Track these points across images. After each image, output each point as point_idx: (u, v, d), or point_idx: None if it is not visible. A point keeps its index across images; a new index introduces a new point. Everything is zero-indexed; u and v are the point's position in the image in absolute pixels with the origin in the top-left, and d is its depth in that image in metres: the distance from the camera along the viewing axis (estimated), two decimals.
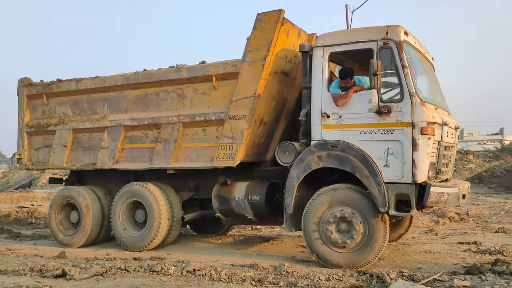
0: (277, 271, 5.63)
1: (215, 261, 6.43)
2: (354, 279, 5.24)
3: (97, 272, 5.71)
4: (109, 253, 7.28)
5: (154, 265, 5.99)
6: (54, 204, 8.24)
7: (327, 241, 5.92)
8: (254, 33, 6.54)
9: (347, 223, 5.84)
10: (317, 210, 5.98)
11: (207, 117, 6.88)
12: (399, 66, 5.62)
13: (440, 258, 6.52)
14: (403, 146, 5.55)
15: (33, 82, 8.68)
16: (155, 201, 7.27)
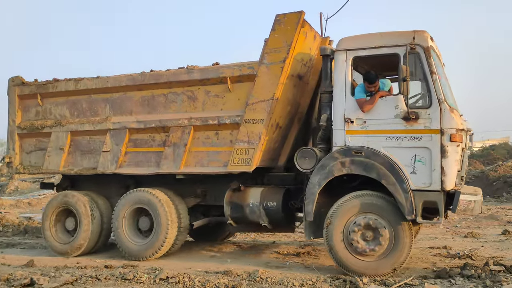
0: (251, 278, 5.57)
1: (189, 268, 6.32)
2: (328, 284, 5.24)
3: (67, 281, 5.51)
4: (80, 261, 7.03)
5: (126, 273, 5.83)
6: (48, 210, 7.78)
7: (352, 249, 5.78)
8: (273, 35, 6.36)
9: (373, 231, 5.71)
10: (342, 218, 5.83)
11: (221, 121, 6.63)
12: (427, 72, 5.55)
13: (411, 262, 6.59)
14: (431, 153, 5.48)
15: (26, 81, 8.17)
16: (162, 207, 6.95)
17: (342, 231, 5.82)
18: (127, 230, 7.21)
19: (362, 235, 5.75)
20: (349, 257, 5.80)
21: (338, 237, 5.83)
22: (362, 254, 5.75)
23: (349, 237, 5.76)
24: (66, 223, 7.79)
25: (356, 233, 5.74)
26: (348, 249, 5.80)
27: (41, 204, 19.51)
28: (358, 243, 5.73)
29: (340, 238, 5.83)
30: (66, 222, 7.80)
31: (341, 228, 5.82)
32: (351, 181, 6.12)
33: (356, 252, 5.77)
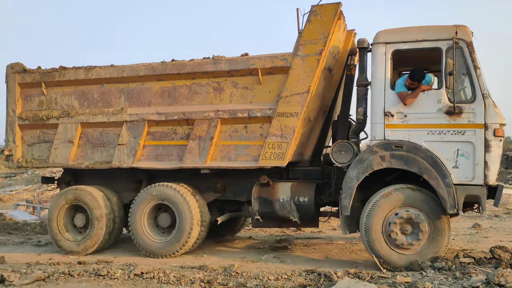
0: (226, 272, 5.57)
1: (164, 264, 6.28)
2: (303, 278, 5.26)
3: (38, 278, 5.39)
4: (52, 258, 6.81)
5: (100, 269, 5.73)
6: (55, 206, 7.30)
7: (391, 242, 5.77)
8: (308, 26, 6.20)
9: (413, 224, 5.71)
10: (381, 211, 5.80)
11: (251, 114, 6.41)
12: (471, 66, 5.57)
13: None
14: (475, 147, 5.52)
15: (28, 69, 7.60)
16: (185, 203, 6.67)
17: (382, 223, 5.80)
18: (146, 226, 6.89)
19: (401, 229, 5.75)
20: (387, 250, 5.79)
21: (378, 229, 5.80)
22: (400, 247, 5.75)
23: (389, 229, 5.74)
24: (75, 220, 7.36)
25: (397, 226, 5.73)
26: (386, 242, 5.80)
27: (12, 200, 18.54)
28: (398, 236, 5.73)
29: (379, 230, 5.80)
30: (75, 219, 7.36)
31: (381, 220, 5.80)
32: (384, 176, 6.09)
33: (395, 245, 5.76)
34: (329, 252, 7.16)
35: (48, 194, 20.23)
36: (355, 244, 7.71)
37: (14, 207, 16.38)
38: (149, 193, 6.87)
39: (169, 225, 6.92)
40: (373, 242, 5.83)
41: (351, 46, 7.09)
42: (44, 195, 19.83)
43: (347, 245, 7.66)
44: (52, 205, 7.38)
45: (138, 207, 6.89)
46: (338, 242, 8.01)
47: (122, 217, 7.42)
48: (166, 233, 6.97)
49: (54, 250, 7.58)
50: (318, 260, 6.55)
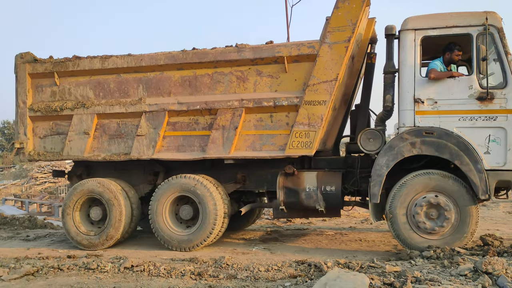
0: (217, 264, 5.59)
1: (154, 256, 6.27)
2: (293, 268, 5.29)
3: (27, 272, 5.37)
4: (41, 252, 6.73)
5: (89, 262, 5.71)
6: (70, 200, 7.07)
7: (415, 225, 5.81)
8: (336, 13, 6.14)
9: (438, 209, 5.74)
10: (407, 195, 5.83)
11: (277, 102, 6.32)
12: (502, 52, 5.60)
13: (374, 245, 6.89)
14: (506, 133, 5.56)
15: (39, 59, 7.35)
16: (209, 195, 6.55)
17: (408, 205, 5.82)
18: (168, 218, 6.75)
19: (427, 213, 5.78)
20: (412, 234, 5.84)
21: (403, 211, 5.84)
22: (423, 231, 5.79)
23: (414, 211, 5.77)
24: (91, 213, 7.16)
25: (422, 209, 5.76)
26: (410, 224, 5.84)
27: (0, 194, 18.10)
28: (422, 219, 5.77)
29: (404, 212, 5.84)
30: (91, 212, 7.16)
31: (407, 202, 5.83)
32: (410, 164, 6.09)
33: (418, 228, 5.80)
34: (319, 243, 7.19)
35: (37, 188, 19.85)
36: (344, 235, 7.78)
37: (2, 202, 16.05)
38: (171, 185, 6.72)
39: (190, 217, 6.79)
40: (398, 225, 5.86)
41: (371, 34, 7.06)
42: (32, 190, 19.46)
43: (337, 236, 7.71)
44: (67, 200, 7.15)
45: (159, 199, 6.74)
46: (328, 232, 8.07)
47: (140, 210, 7.27)
48: (187, 225, 6.84)
49: (43, 244, 7.51)
50: (308, 251, 6.57)
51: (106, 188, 6.93)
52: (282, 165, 6.63)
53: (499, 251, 5.46)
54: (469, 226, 5.71)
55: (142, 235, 8.16)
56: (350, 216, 9.88)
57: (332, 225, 8.96)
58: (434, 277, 4.41)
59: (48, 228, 9.57)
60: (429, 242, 5.76)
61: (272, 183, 6.82)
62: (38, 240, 7.98)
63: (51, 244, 7.54)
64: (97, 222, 7.17)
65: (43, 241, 7.82)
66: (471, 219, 5.70)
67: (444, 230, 5.74)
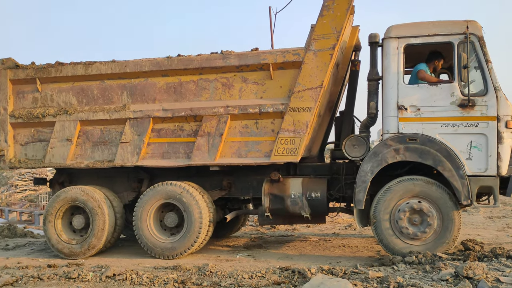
0: (200, 272, 5.56)
1: (137, 265, 6.24)
2: (277, 275, 5.32)
3: (6, 282, 5.27)
4: (21, 261, 6.64)
5: (70, 271, 5.63)
6: (53, 207, 6.94)
7: (398, 230, 5.88)
8: (321, 21, 6.20)
9: (421, 215, 5.81)
10: (390, 201, 5.90)
11: (263, 109, 6.34)
12: (483, 60, 5.73)
13: (358, 251, 6.97)
14: (487, 139, 5.67)
15: (20, 64, 7.23)
16: (194, 202, 6.52)
17: (391, 211, 5.90)
18: (152, 225, 6.68)
19: (410, 219, 5.85)
20: (393, 238, 5.91)
21: (386, 216, 5.91)
22: (407, 237, 5.86)
23: (397, 216, 5.85)
24: (73, 221, 7.04)
25: (406, 215, 5.83)
26: (393, 230, 5.91)
27: None
28: (405, 225, 5.83)
29: (387, 217, 5.90)
30: (73, 220, 7.05)
31: (390, 208, 5.90)
32: (394, 170, 6.16)
33: (401, 234, 5.87)
34: (303, 249, 7.22)
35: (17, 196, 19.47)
36: (328, 241, 7.83)
37: None
38: (157, 191, 6.66)
39: (175, 225, 6.74)
40: (381, 231, 5.93)
41: (355, 42, 7.14)
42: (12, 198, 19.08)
43: (320, 242, 7.74)
44: (49, 207, 7.02)
45: (144, 205, 6.68)
46: (312, 238, 8.10)
47: (123, 221, 7.19)
48: (171, 233, 6.79)
49: (22, 253, 7.38)
50: (292, 257, 6.59)
51: (90, 197, 6.83)
52: (267, 171, 6.64)
53: (480, 256, 5.55)
54: (452, 232, 5.79)
55: (125, 243, 8.07)
56: (334, 222, 9.94)
57: (316, 231, 9.00)
58: (416, 282, 4.46)
59: (28, 236, 9.40)
60: (411, 247, 5.83)
61: (257, 190, 6.81)
62: (17, 249, 7.85)
63: (31, 253, 7.42)
64: (79, 230, 7.05)
65: (22, 250, 7.68)
66: (454, 226, 5.78)
67: (426, 235, 5.81)
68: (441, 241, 5.79)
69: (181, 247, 6.53)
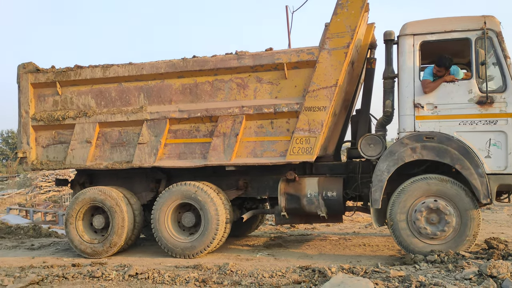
0: (221, 271, 5.57)
1: (159, 264, 6.29)
2: (297, 274, 5.29)
3: (32, 281, 5.39)
4: (46, 261, 6.76)
5: (94, 270, 5.71)
6: (73, 209, 7.10)
7: (415, 230, 5.81)
8: (335, 19, 6.16)
9: (439, 213, 5.73)
10: (406, 202, 5.84)
11: (278, 109, 6.34)
12: (501, 56, 5.61)
13: (378, 250, 6.90)
14: (507, 136, 5.56)
15: (41, 68, 7.41)
16: (211, 202, 6.57)
17: (408, 211, 5.84)
18: (170, 226, 6.77)
19: (427, 218, 5.78)
20: (411, 238, 5.85)
21: (403, 216, 5.85)
22: (425, 236, 5.79)
23: (415, 217, 5.79)
24: (94, 222, 7.19)
25: (422, 214, 5.76)
26: (411, 230, 5.84)
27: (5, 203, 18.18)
28: (423, 224, 5.77)
29: (404, 218, 5.85)
30: (94, 220, 7.19)
31: (407, 208, 5.84)
32: (411, 169, 6.09)
33: (419, 234, 5.80)
34: (322, 248, 7.18)
35: (41, 197, 19.92)
36: (348, 240, 7.77)
37: (6, 211, 16.08)
38: (173, 192, 6.74)
39: (193, 224, 6.81)
40: (398, 231, 5.88)
41: (371, 40, 7.09)
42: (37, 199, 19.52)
43: (340, 241, 7.70)
44: (70, 207, 7.18)
45: (161, 206, 6.76)
46: (331, 238, 8.05)
47: (142, 218, 7.30)
48: (189, 233, 6.86)
49: (47, 253, 7.51)
50: (312, 256, 6.56)
51: (108, 196, 6.96)
52: (283, 171, 6.65)
53: (504, 254, 5.44)
54: (471, 229, 5.69)
55: (146, 243, 8.18)
56: (354, 221, 9.87)
57: (336, 230, 8.95)
58: (438, 281, 4.40)
59: (52, 236, 9.62)
60: (431, 247, 5.77)
61: (274, 189, 6.82)
62: (42, 249, 8.01)
63: (55, 252, 7.58)
64: (100, 230, 7.19)
65: (47, 250, 7.85)
66: (473, 222, 5.68)
67: (446, 234, 5.73)
68: (461, 239, 5.70)
69: (200, 245, 6.60)
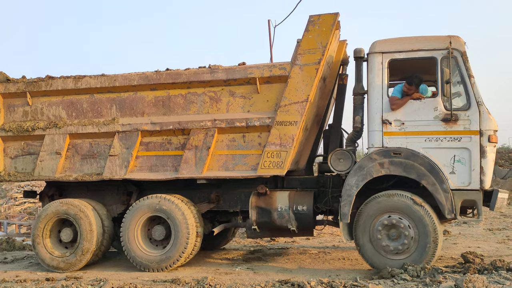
0: (199, 285, 5.53)
1: (135, 278, 6.20)
2: None
3: None
4: (19, 275, 6.63)
5: (68, 285, 5.62)
6: (40, 221, 6.95)
7: (382, 250, 5.88)
8: (307, 36, 6.29)
9: (396, 228, 5.82)
10: (365, 222, 5.93)
11: (250, 123, 6.40)
12: (466, 75, 5.79)
13: (357, 264, 6.91)
14: (471, 153, 5.72)
15: (11, 78, 7.31)
16: (181, 215, 6.54)
17: (369, 229, 5.92)
18: (140, 240, 6.69)
19: (387, 234, 5.86)
20: (374, 254, 5.92)
21: (366, 235, 5.93)
22: (392, 253, 5.85)
23: (376, 234, 5.87)
24: (61, 235, 7.06)
25: (382, 231, 5.85)
26: (373, 246, 5.92)
27: None
28: (383, 241, 5.84)
29: (367, 236, 5.93)
30: (61, 234, 7.06)
31: (368, 226, 5.92)
32: (381, 183, 6.20)
33: (387, 252, 5.87)
34: (302, 262, 7.18)
35: (16, 209, 19.37)
36: (328, 253, 7.79)
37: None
38: (143, 205, 6.69)
39: (163, 237, 6.75)
40: (363, 248, 5.97)
41: (343, 56, 7.23)
42: (11, 210, 18.99)
43: (320, 255, 7.70)
44: (37, 221, 7.04)
45: (131, 220, 6.69)
46: (311, 251, 8.04)
47: (112, 231, 7.21)
48: (160, 246, 6.80)
49: (21, 267, 7.34)
50: (292, 270, 6.55)
51: (70, 205, 6.86)
52: (256, 184, 6.67)
53: (480, 268, 5.51)
54: (430, 236, 5.68)
55: (122, 256, 8.02)
56: (334, 234, 9.83)
57: (316, 244, 8.93)
58: None
59: (26, 249, 9.31)
60: (399, 262, 5.78)
61: (245, 203, 6.83)
62: (16, 262, 7.79)
63: (29, 266, 7.38)
64: (70, 243, 7.05)
65: (21, 264, 7.62)
66: (432, 238, 5.69)
67: (408, 246, 5.77)
68: (424, 248, 5.69)
69: (168, 259, 6.54)
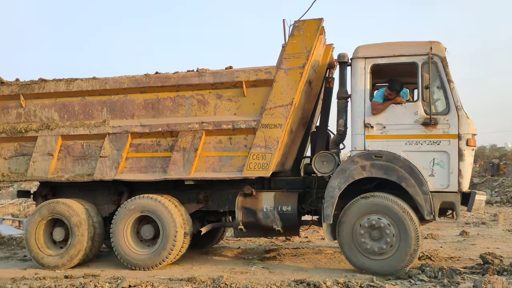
0: (215, 284, 5.59)
1: (152, 276, 6.30)
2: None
3: None
4: (38, 272, 6.76)
5: (86, 282, 5.69)
6: (33, 220, 7.15)
7: (361, 248, 6.03)
8: (292, 41, 6.44)
9: (377, 228, 5.96)
10: (347, 226, 6.08)
11: (236, 125, 6.56)
12: (445, 80, 5.94)
13: None
14: (449, 156, 5.87)
15: (5, 81, 7.49)
16: (169, 214, 6.70)
17: (352, 230, 6.06)
18: (129, 239, 6.86)
19: (369, 235, 6.01)
20: (358, 255, 6.06)
21: (348, 236, 6.08)
22: (376, 254, 5.99)
23: (358, 235, 6.01)
24: (54, 234, 7.24)
25: (364, 232, 5.99)
26: (357, 248, 6.06)
27: None
28: (366, 242, 5.98)
29: (349, 238, 6.07)
30: (54, 233, 7.24)
31: (350, 228, 6.07)
32: (364, 185, 6.35)
33: (365, 251, 6.02)
34: (318, 262, 7.22)
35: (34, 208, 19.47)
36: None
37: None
38: (132, 205, 6.86)
39: (152, 237, 6.92)
40: (346, 249, 6.12)
41: (329, 60, 7.37)
42: (30, 209, 19.13)
43: (335, 254, 7.70)
44: (29, 221, 7.24)
45: (120, 219, 6.86)
46: (326, 251, 8.04)
47: (103, 230, 7.38)
48: (149, 245, 6.96)
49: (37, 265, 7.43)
50: (307, 270, 6.59)
51: (67, 207, 7.03)
52: (242, 185, 6.83)
53: (499, 269, 5.56)
54: (411, 231, 5.82)
55: None
56: None
57: (331, 244, 8.68)
58: None
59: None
60: (377, 262, 5.94)
61: (233, 203, 6.96)
62: None
63: None
64: (61, 242, 7.21)
65: None
66: (411, 237, 5.81)
67: (391, 244, 5.90)
68: (406, 243, 5.81)
69: (156, 258, 6.70)
